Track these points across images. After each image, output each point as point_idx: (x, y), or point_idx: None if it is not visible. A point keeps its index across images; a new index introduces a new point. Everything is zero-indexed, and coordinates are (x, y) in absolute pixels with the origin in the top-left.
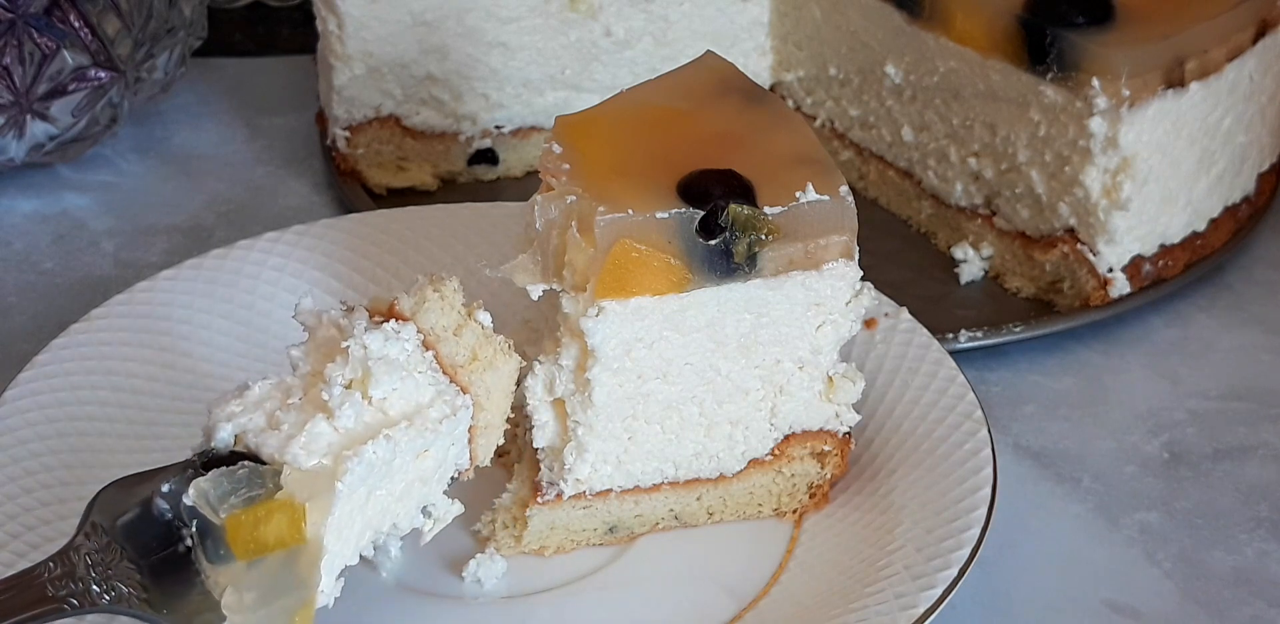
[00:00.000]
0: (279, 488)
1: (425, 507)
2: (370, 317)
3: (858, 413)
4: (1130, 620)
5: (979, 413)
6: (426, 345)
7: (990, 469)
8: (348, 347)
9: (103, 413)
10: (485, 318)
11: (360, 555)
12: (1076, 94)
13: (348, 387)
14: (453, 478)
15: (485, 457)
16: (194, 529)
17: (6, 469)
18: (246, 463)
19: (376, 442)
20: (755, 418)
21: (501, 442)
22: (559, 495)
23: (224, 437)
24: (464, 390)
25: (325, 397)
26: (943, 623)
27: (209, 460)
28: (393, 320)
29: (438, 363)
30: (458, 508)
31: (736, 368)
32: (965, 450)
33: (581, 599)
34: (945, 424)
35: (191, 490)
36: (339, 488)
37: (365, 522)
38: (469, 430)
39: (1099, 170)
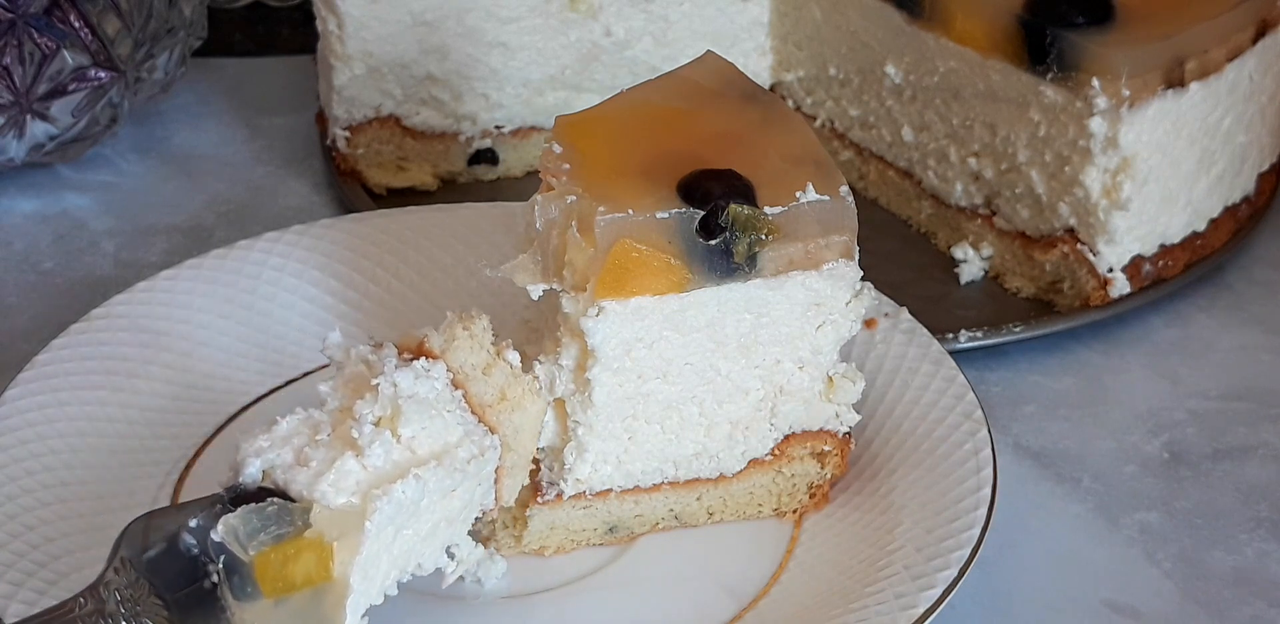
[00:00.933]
0: (308, 526)
1: (449, 547)
2: (399, 354)
3: (858, 413)
4: (1130, 620)
5: (979, 413)
6: (456, 384)
7: (990, 469)
8: (378, 384)
9: (103, 413)
10: (514, 357)
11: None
12: (1076, 94)
13: (377, 424)
14: (477, 518)
15: (510, 497)
16: (221, 565)
17: (6, 469)
18: (275, 500)
19: (405, 481)
20: (755, 418)
21: (527, 482)
22: (559, 495)
23: (252, 472)
24: (492, 430)
25: (355, 434)
26: (943, 623)
27: (237, 496)
28: (422, 358)
29: (466, 402)
30: (480, 552)
31: (736, 368)
32: (965, 450)
33: (581, 599)
34: (945, 424)
35: (220, 527)
36: (367, 527)
37: (391, 561)
38: (495, 471)
39: (1099, 170)
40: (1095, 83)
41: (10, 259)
